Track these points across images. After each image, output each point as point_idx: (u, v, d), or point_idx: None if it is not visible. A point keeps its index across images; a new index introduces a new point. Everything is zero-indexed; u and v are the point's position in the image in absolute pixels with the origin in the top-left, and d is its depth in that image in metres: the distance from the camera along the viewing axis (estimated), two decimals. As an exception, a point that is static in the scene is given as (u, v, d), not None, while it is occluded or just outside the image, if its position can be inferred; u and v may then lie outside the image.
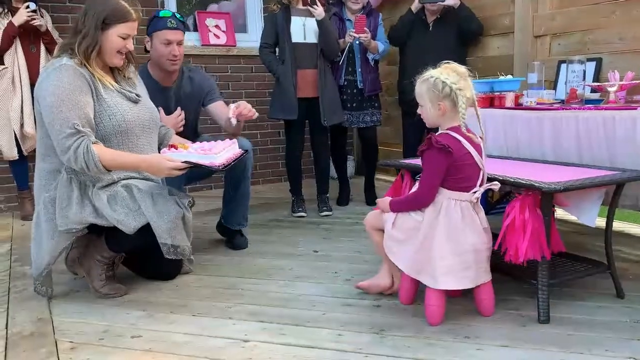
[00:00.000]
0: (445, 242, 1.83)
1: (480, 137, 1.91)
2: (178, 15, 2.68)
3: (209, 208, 3.82)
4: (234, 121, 2.51)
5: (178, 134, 2.61)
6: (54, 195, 2.09)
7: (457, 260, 1.83)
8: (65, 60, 2.06)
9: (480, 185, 1.87)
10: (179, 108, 2.71)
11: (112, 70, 2.24)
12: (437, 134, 1.90)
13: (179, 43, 2.64)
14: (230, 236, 2.91)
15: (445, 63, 1.90)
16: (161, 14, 2.64)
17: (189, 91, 2.79)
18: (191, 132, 2.82)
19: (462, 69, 1.87)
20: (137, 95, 2.22)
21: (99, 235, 2.22)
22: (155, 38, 2.62)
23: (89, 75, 2.08)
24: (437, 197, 1.86)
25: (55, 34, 3.54)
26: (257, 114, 2.58)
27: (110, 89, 2.14)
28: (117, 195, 2.07)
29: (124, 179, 2.14)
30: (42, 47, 3.49)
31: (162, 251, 2.08)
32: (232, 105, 2.55)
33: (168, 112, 2.69)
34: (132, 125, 2.15)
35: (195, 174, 2.86)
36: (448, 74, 1.85)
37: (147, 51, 2.73)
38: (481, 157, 1.87)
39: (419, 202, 1.88)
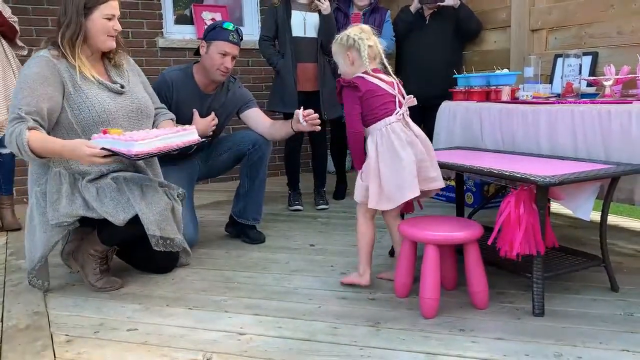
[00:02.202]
0: (390, 164, 2.01)
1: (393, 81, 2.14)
2: (240, 31, 2.73)
3: (207, 201, 3.83)
4: (303, 123, 2.54)
5: (208, 138, 2.73)
6: (45, 189, 2.10)
7: (403, 174, 1.99)
8: (42, 52, 2.09)
9: (400, 108, 2.08)
10: (212, 113, 2.75)
11: (103, 59, 2.22)
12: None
13: (233, 57, 2.69)
14: (244, 231, 2.90)
15: (354, 25, 2.20)
16: (225, 25, 2.68)
17: (223, 101, 2.84)
18: (214, 137, 2.87)
19: (365, 27, 2.16)
20: (121, 86, 2.19)
21: (93, 228, 2.22)
22: (214, 46, 2.65)
23: (67, 67, 2.09)
24: (370, 133, 2.08)
25: (7, 12, 3.13)
26: (319, 128, 2.61)
27: (91, 80, 2.12)
28: (106, 187, 2.07)
29: (113, 172, 2.13)
30: None
31: (151, 243, 2.07)
32: (299, 111, 2.56)
33: (200, 116, 2.72)
34: (115, 116, 2.13)
35: (201, 172, 2.93)
36: (353, 29, 2.14)
37: (196, 54, 2.77)
38: (393, 87, 2.10)
39: (353, 134, 2.11)
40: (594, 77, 2.67)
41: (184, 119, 2.68)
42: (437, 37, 3.64)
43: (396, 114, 2.06)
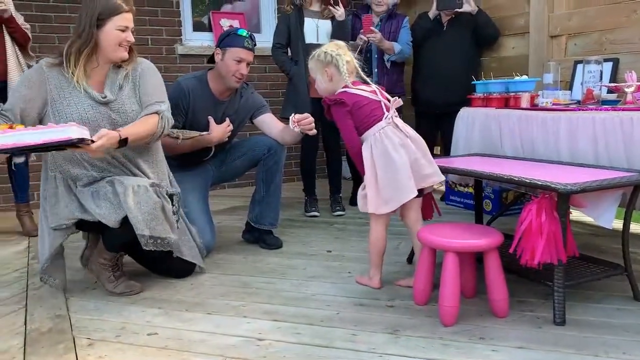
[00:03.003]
0: (385, 168, 2.08)
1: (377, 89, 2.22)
2: (253, 37, 2.77)
3: (223, 207, 3.85)
4: (297, 129, 2.58)
5: (220, 144, 2.79)
6: (46, 195, 2.19)
7: (398, 176, 2.06)
8: (41, 60, 2.19)
9: (388, 112, 2.14)
10: (227, 119, 2.78)
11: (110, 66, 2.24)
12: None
13: (248, 63, 2.72)
14: (261, 237, 2.92)
15: (330, 41, 2.35)
16: (239, 32, 2.72)
17: (237, 107, 2.86)
18: (227, 143, 2.89)
19: (340, 42, 2.29)
20: (103, 96, 2.17)
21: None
22: (229, 53, 2.68)
23: (57, 75, 2.15)
24: (365, 140, 2.14)
25: (19, 19, 3.11)
26: (314, 132, 2.63)
27: (78, 89, 2.15)
28: (101, 190, 2.12)
29: (107, 176, 2.17)
30: (7, 37, 3.05)
31: (141, 243, 2.07)
32: (293, 117, 2.59)
33: (215, 122, 2.75)
34: (94, 125, 2.11)
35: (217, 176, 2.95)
36: (329, 46, 2.24)
37: (209, 61, 2.81)
38: (376, 94, 2.17)
39: (352, 148, 2.18)
40: (615, 84, 2.64)
41: (199, 126, 2.72)
42: (454, 43, 3.63)
43: (385, 118, 2.12)
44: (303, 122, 2.57)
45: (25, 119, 2.14)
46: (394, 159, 2.07)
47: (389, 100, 2.18)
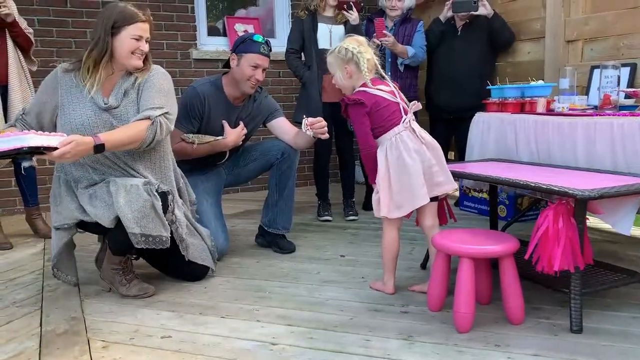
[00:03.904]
0: (399, 173, 2.07)
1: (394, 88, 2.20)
2: (269, 43, 2.78)
3: (237, 211, 3.86)
4: (309, 133, 2.59)
5: (233, 148, 2.78)
6: (53, 194, 2.27)
7: (411, 182, 2.06)
8: (58, 65, 2.25)
9: (406, 114, 2.12)
10: (241, 123, 2.79)
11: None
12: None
13: (264, 69, 2.73)
14: (274, 241, 2.92)
15: (348, 36, 2.25)
16: (255, 38, 2.72)
17: (250, 111, 2.87)
18: (240, 146, 2.91)
19: (361, 38, 2.21)
20: (104, 102, 2.17)
21: None
22: (245, 59, 2.69)
23: (69, 80, 2.20)
24: (380, 143, 2.13)
25: (23, 23, 3.07)
26: (327, 136, 2.64)
27: (85, 95, 2.18)
28: (98, 190, 2.15)
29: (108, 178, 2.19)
30: (10, 41, 3.01)
31: (132, 242, 2.06)
32: (306, 120, 2.61)
33: (229, 126, 2.77)
34: (95, 131, 2.12)
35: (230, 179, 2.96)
36: (350, 42, 2.17)
37: (225, 66, 2.82)
38: (395, 96, 2.15)
39: (366, 149, 2.15)
40: (633, 89, 2.61)
41: (213, 131, 2.73)
42: (469, 47, 3.62)
43: (403, 122, 2.11)
44: (316, 125, 2.58)
45: (42, 121, 2.23)
46: (408, 165, 2.06)
47: (406, 103, 2.17)
